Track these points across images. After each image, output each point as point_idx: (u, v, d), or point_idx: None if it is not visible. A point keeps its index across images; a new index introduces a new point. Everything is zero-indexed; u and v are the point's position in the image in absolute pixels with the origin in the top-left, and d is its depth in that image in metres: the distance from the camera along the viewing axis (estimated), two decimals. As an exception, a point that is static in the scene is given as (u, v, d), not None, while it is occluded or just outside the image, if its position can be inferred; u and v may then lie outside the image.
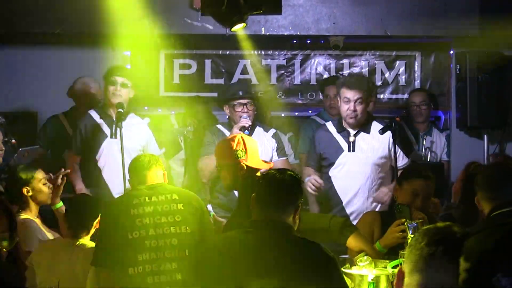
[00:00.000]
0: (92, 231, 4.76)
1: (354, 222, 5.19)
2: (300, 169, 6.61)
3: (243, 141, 4.69)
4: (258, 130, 6.27)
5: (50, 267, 4.64)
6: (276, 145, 6.25)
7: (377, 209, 5.78)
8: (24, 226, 5.02)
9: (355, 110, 5.87)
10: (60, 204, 5.36)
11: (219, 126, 6.36)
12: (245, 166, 4.55)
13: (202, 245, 3.41)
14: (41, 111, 7.53)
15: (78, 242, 4.68)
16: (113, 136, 6.22)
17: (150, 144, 6.38)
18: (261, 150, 5.99)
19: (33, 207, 5.26)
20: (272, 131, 6.36)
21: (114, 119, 6.23)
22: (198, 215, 4.48)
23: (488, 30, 6.99)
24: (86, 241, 4.74)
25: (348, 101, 5.87)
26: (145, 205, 4.39)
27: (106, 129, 6.30)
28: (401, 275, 2.75)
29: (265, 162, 4.79)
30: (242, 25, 6.30)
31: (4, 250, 4.09)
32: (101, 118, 6.35)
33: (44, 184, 5.30)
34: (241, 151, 4.75)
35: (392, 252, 4.38)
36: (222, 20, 6.09)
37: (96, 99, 6.91)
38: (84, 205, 4.86)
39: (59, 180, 5.38)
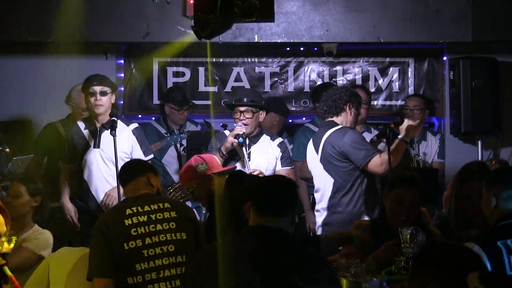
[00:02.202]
0: None
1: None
2: (296, 177, 6.63)
3: (199, 156, 4.84)
4: (265, 138, 6.32)
5: (61, 275, 4.63)
6: (281, 154, 6.28)
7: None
8: None
9: None
10: None
11: (226, 131, 6.39)
12: (212, 175, 4.63)
13: (200, 252, 3.41)
14: (35, 119, 7.52)
15: None
16: (96, 146, 6.22)
17: (134, 151, 6.34)
18: (264, 158, 6.06)
19: None
20: (279, 140, 6.41)
21: (98, 129, 6.24)
22: (192, 223, 4.49)
23: (481, 36, 7.01)
24: None
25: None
26: (138, 214, 4.39)
27: (91, 140, 6.31)
28: None
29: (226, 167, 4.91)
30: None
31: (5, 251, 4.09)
32: (85, 128, 6.37)
33: None
34: (201, 164, 4.86)
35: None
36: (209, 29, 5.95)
37: None
38: None
39: None
